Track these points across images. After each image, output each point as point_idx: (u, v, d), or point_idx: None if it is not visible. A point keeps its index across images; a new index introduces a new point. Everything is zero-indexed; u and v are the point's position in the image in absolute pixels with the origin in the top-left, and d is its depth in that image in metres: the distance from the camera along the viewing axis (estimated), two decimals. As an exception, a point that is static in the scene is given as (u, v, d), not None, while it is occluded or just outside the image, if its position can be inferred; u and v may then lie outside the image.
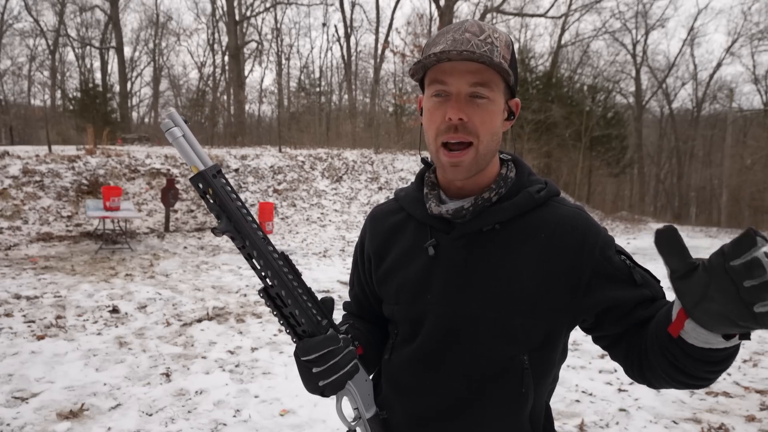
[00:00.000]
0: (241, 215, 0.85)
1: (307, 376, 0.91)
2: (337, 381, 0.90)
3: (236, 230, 0.85)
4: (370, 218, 1.15)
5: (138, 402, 3.41)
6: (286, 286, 0.88)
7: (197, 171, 0.84)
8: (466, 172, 0.94)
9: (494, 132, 0.94)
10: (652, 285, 0.95)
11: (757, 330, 0.65)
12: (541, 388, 0.97)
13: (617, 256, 0.94)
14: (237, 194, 0.86)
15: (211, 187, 0.84)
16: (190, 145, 0.86)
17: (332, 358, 0.89)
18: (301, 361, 0.91)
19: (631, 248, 12.61)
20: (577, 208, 0.99)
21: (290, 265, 0.89)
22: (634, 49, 33.01)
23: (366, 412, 0.98)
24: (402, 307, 1.02)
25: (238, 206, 0.85)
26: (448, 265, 0.97)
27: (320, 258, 9.21)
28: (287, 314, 0.90)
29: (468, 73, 0.89)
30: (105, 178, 11.63)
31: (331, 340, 0.89)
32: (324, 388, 0.91)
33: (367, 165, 16.84)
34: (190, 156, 0.85)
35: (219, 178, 0.84)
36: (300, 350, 0.90)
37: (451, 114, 0.90)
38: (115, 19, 31.36)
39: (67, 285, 6.31)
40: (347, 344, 0.92)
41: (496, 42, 0.91)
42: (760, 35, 30.53)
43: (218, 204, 0.84)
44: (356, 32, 41.07)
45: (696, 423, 3.35)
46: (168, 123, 0.85)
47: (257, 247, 0.86)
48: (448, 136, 0.92)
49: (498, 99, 0.93)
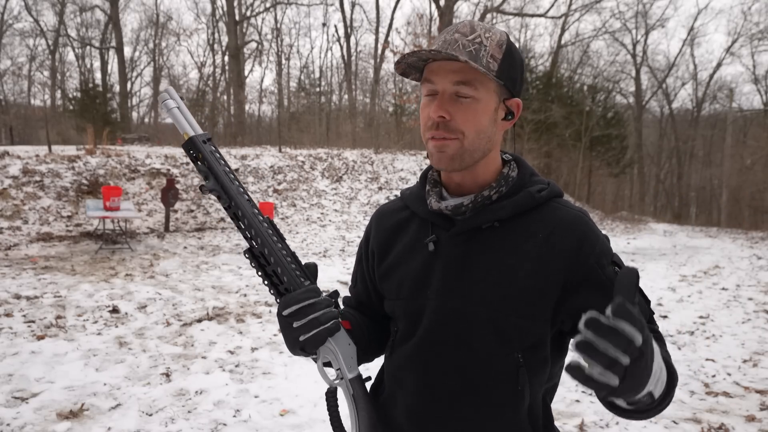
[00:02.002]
0: (228, 178, 0.91)
1: (289, 331, 0.92)
2: (317, 335, 0.91)
3: (222, 190, 0.91)
4: (376, 215, 1.17)
5: (138, 402, 3.41)
6: (268, 244, 0.92)
7: (188, 137, 0.91)
8: (450, 160, 0.96)
9: (480, 130, 0.95)
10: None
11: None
12: (536, 386, 0.98)
13: (611, 267, 0.95)
14: (225, 161, 0.93)
15: (201, 152, 0.91)
16: (183, 116, 0.93)
17: (312, 311, 0.91)
18: (282, 316, 0.92)
19: (631, 248, 12.61)
20: (579, 212, 0.99)
21: (274, 228, 0.94)
22: (634, 49, 33.05)
23: (348, 373, 0.99)
24: (402, 302, 1.03)
25: (225, 171, 0.92)
26: (447, 261, 0.98)
27: (320, 258, 9.21)
28: (270, 272, 0.94)
29: (451, 72, 0.92)
30: (105, 178, 11.63)
31: (310, 292, 0.91)
32: (304, 343, 0.91)
33: (367, 165, 16.84)
34: (182, 124, 0.93)
35: (209, 144, 0.92)
36: (281, 305, 0.92)
37: (432, 112, 0.94)
38: (115, 19, 31.36)
39: (67, 285, 6.31)
40: (328, 302, 0.94)
41: (486, 42, 0.92)
42: (760, 35, 30.57)
43: (207, 167, 0.91)
44: (356, 32, 41.07)
45: (696, 423, 3.35)
46: (164, 95, 0.94)
47: (242, 208, 0.91)
48: (432, 133, 0.95)
49: (485, 98, 0.94)
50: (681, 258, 11.12)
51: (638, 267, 9.59)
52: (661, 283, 8.16)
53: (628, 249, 12.43)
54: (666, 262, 10.46)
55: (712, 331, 5.50)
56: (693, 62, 42.03)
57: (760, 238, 16.42)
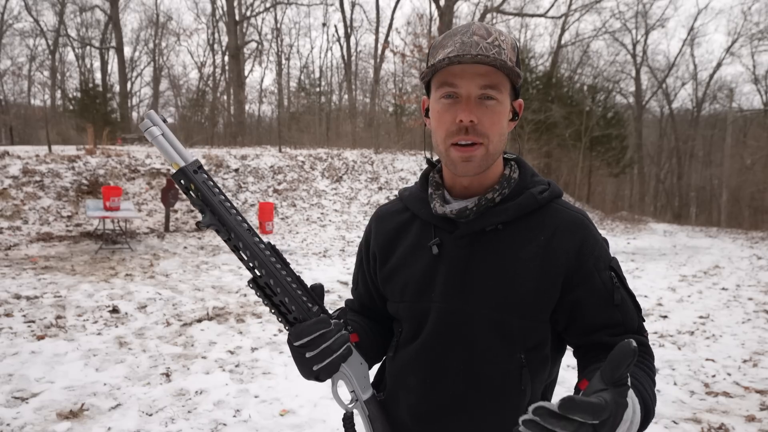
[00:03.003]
0: (224, 208, 0.86)
1: (301, 361, 0.92)
2: (330, 364, 0.90)
3: (220, 223, 0.86)
4: (375, 217, 1.17)
5: (138, 402, 3.41)
6: (273, 275, 0.89)
7: (178, 167, 0.85)
8: (477, 167, 0.95)
9: (502, 133, 0.96)
10: (626, 311, 0.97)
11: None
12: (537, 384, 1.00)
13: (607, 272, 0.97)
14: (219, 188, 0.88)
15: (193, 182, 0.85)
16: (170, 143, 0.86)
17: (324, 342, 0.89)
18: (294, 347, 0.91)
19: (631, 248, 12.61)
20: (580, 214, 1.01)
21: (278, 255, 0.90)
22: (634, 49, 33.04)
23: (363, 394, 0.99)
24: (407, 304, 1.04)
25: (221, 200, 0.86)
26: (451, 264, 0.99)
27: (320, 258, 9.21)
28: (277, 303, 0.91)
29: (478, 75, 0.91)
30: (105, 178, 11.63)
31: (321, 323, 0.90)
32: (318, 372, 0.91)
33: (367, 165, 16.84)
34: (170, 153, 0.86)
35: (200, 173, 0.86)
36: (292, 336, 0.91)
37: (462, 116, 0.91)
38: (115, 19, 31.36)
39: (67, 285, 6.30)
40: (339, 328, 0.93)
41: (503, 44, 0.92)
42: (760, 35, 30.55)
43: (201, 198, 0.86)
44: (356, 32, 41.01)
45: (696, 423, 3.35)
46: (147, 123, 0.86)
47: (242, 239, 0.87)
48: (459, 138, 0.93)
49: (505, 101, 0.95)
50: (681, 258, 11.12)
51: (638, 267, 9.61)
52: (661, 283, 8.16)
53: (628, 249, 12.43)
54: (666, 262, 10.46)
55: (712, 331, 5.49)
56: (693, 62, 42.07)
57: (760, 238, 16.43)
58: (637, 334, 0.98)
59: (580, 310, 0.96)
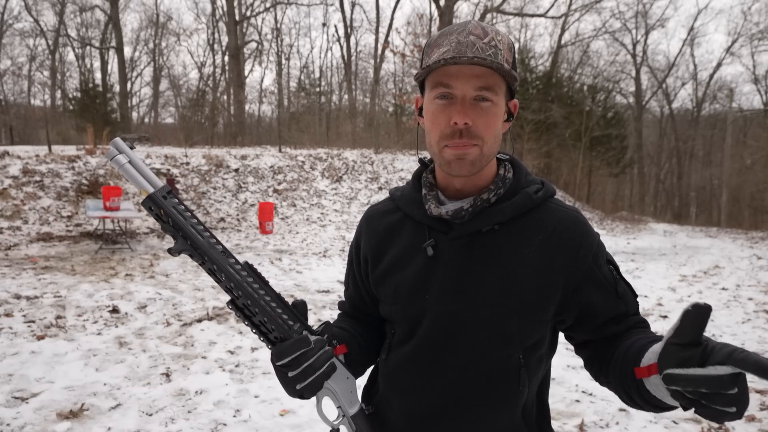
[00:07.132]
0: (196, 232, 0.85)
1: (285, 380, 0.91)
2: (313, 383, 0.90)
3: (193, 248, 0.85)
4: (366, 218, 1.15)
5: (138, 402, 3.41)
6: (251, 295, 0.88)
7: (146, 194, 0.84)
8: (470, 166, 0.94)
9: (496, 134, 0.95)
10: (628, 300, 1.00)
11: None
12: (533, 383, 1.00)
13: (606, 266, 0.98)
14: (191, 212, 0.86)
15: (163, 208, 0.84)
16: (137, 170, 0.85)
17: (305, 360, 0.89)
18: (276, 366, 0.91)
19: (631, 248, 12.61)
20: (573, 211, 1.01)
21: (255, 274, 0.90)
22: (634, 49, 33.05)
23: (349, 409, 0.98)
24: (400, 307, 1.02)
25: (193, 223, 0.85)
26: (447, 266, 0.98)
27: (320, 258, 9.22)
28: (257, 323, 0.91)
29: (474, 77, 0.89)
30: (105, 178, 11.64)
31: (302, 342, 0.89)
32: (302, 391, 0.90)
33: (367, 165, 16.84)
34: (138, 180, 0.85)
35: (170, 198, 0.85)
36: (273, 356, 0.90)
37: (457, 118, 0.90)
38: (115, 19, 31.36)
39: (67, 285, 6.31)
40: (321, 345, 0.92)
41: (500, 45, 0.91)
42: (760, 35, 30.56)
43: (172, 225, 0.85)
44: (356, 32, 41.09)
45: (696, 423, 3.35)
46: (112, 151, 0.85)
47: (216, 262, 0.86)
48: (453, 141, 0.92)
49: (500, 102, 0.93)
50: (681, 258, 11.12)
51: (638, 267, 9.61)
52: (661, 283, 8.16)
53: (628, 249, 12.43)
54: (666, 262, 10.46)
55: (712, 331, 5.49)
56: (693, 62, 42.11)
57: (760, 238, 16.43)
58: (633, 315, 1.00)
59: (590, 309, 0.97)
